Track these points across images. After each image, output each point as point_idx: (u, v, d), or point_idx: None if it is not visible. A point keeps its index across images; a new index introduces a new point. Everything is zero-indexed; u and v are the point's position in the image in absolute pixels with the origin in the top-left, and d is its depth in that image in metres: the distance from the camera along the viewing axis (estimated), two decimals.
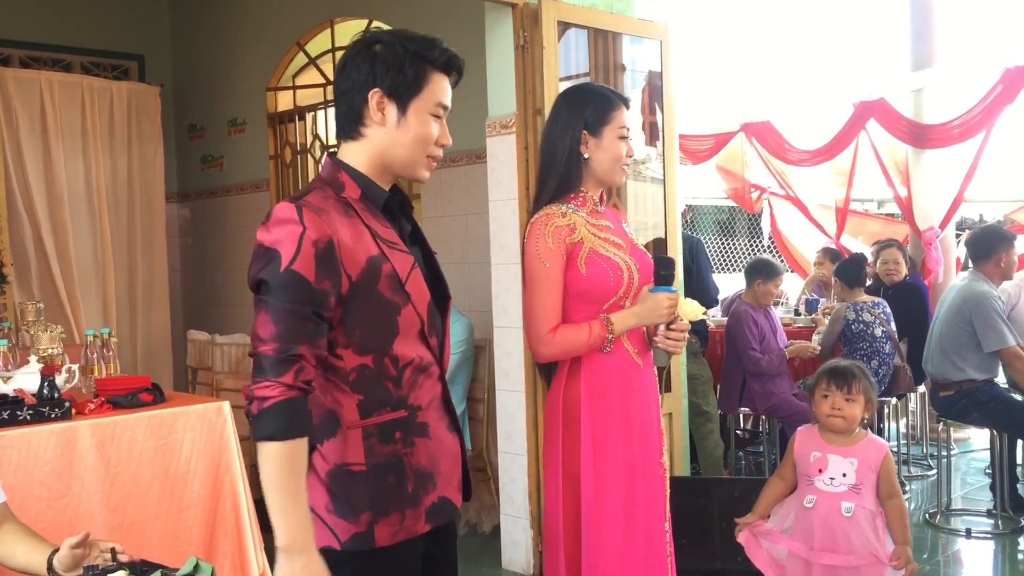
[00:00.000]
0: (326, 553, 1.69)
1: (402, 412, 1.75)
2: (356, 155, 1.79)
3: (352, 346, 1.71)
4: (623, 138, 2.45)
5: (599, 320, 2.37)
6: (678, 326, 2.38)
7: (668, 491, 2.54)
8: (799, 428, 3.16)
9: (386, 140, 1.77)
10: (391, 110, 1.75)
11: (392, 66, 1.75)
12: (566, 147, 2.43)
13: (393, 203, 1.82)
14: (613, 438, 2.41)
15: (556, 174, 2.46)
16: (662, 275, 2.38)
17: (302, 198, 1.71)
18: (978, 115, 6.20)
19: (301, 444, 1.62)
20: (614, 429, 2.41)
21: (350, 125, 1.78)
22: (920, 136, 6.58)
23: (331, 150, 1.91)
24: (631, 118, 2.48)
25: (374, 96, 1.74)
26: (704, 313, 2.48)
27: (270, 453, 1.59)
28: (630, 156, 2.47)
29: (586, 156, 2.43)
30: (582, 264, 2.35)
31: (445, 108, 1.82)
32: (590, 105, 2.46)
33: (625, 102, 2.49)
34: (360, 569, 1.75)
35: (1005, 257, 4.80)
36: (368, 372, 1.72)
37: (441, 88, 1.80)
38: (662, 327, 2.42)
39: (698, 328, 5.08)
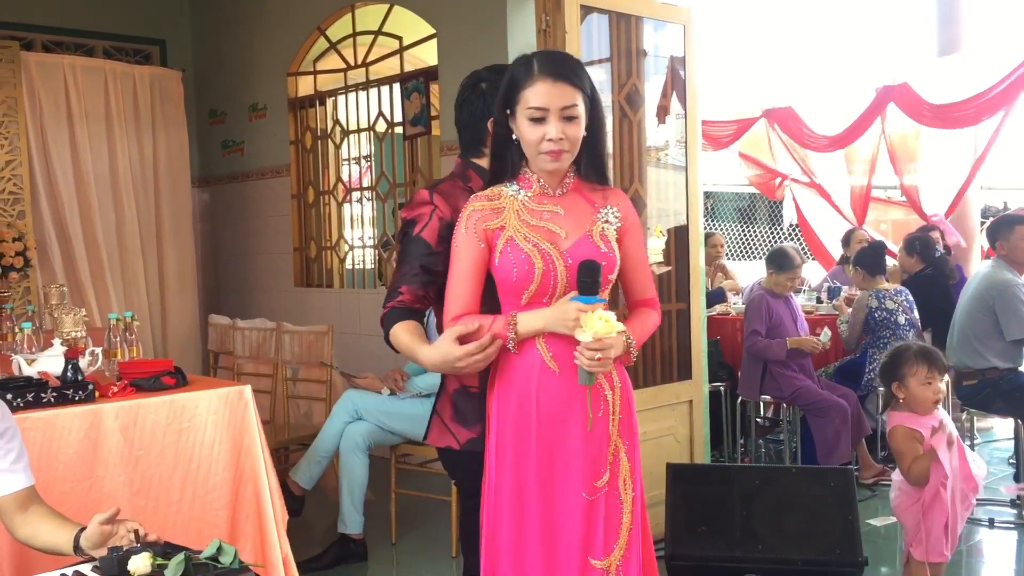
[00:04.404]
0: (448, 451, 2.39)
1: None
2: (484, 161, 2.38)
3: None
4: (535, 120, 2.10)
5: (506, 316, 2.14)
6: (587, 343, 2.03)
7: (626, 519, 2.18)
8: (896, 423, 3.16)
9: None
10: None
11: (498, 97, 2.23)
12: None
13: None
14: (513, 442, 2.17)
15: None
16: (583, 282, 2.06)
17: (436, 186, 2.38)
18: (996, 96, 6.15)
19: (402, 327, 2.26)
20: (515, 434, 2.17)
21: (477, 147, 2.47)
22: (938, 118, 6.51)
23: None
24: (556, 94, 2.10)
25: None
26: (625, 333, 2.11)
27: (394, 334, 2.28)
28: (551, 139, 2.10)
29: (515, 138, 2.17)
30: (497, 253, 2.16)
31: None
32: (507, 83, 2.18)
33: (549, 73, 2.11)
34: (475, 466, 2.27)
35: (1005, 244, 4.81)
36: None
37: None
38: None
39: None
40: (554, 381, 2.14)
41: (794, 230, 9.59)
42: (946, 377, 3.25)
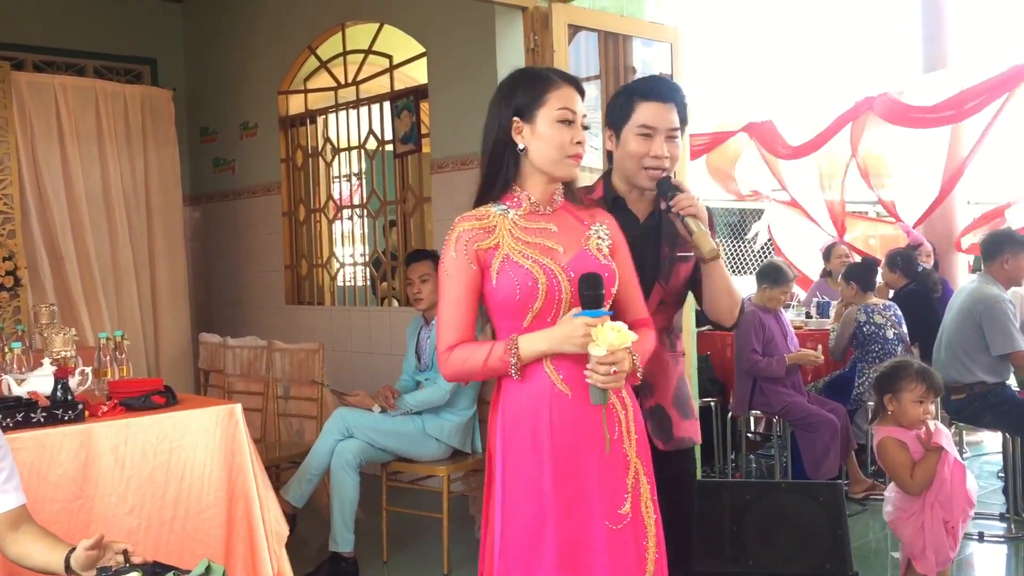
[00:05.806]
0: None
1: None
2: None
3: None
4: (565, 121, 2.10)
5: (505, 341, 2.04)
6: (600, 357, 1.94)
7: (652, 544, 2.10)
8: (883, 435, 3.21)
9: None
10: None
11: None
12: (493, 139, 2.15)
13: None
14: (526, 478, 2.05)
15: (485, 172, 2.18)
16: (585, 295, 1.99)
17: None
18: (978, 100, 6.22)
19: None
20: (527, 468, 2.05)
21: None
22: (916, 119, 6.57)
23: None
24: (577, 101, 2.13)
25: None
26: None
27: None
28: (580, 142, 2.11)
29: (522, 147, 2.12)
30: (494, 273, 2.06)
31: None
32: (519, 88, 2.17)
33: (572, 81, 2.16)
34: None
35: (1011, 260, 4.78)
36: None
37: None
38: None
39: None
40: (567, 405, 2.04)
41: (769, 244, 9.67)
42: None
